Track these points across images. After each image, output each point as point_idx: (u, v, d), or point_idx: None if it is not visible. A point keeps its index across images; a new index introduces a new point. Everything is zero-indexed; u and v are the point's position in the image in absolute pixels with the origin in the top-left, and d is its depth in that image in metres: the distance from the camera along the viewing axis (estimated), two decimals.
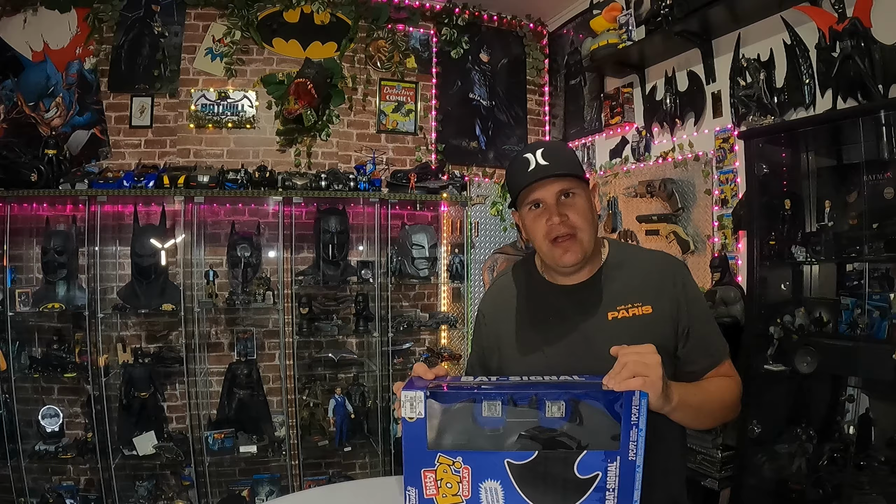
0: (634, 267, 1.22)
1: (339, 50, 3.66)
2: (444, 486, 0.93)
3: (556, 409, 0.92)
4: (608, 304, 1.18)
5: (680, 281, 1.19)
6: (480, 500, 0.93)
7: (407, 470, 0.94)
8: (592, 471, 0.91)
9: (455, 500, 0.93)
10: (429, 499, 0.94)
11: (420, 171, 3.54)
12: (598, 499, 0.92)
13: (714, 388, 1.14)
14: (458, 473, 0.93)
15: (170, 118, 3.44)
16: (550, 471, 0.92)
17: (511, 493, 0.92)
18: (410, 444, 0.93)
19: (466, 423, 0.94)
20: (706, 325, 1.20)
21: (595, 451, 0.91)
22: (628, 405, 0.90)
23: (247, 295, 3.24)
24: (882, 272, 2.05)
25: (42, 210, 3.19)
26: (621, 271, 1.22)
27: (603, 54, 3.27)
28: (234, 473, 3.30)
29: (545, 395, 0.93)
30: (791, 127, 2.34)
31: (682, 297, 1.17)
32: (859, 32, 2.09)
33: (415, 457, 0.93)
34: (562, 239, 1.16)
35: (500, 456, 0.92)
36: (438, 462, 0.93)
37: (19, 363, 2.95)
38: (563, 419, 0.92)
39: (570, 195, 1.17)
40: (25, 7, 3.28)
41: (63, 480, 3.13)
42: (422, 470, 0.93)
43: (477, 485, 0.93)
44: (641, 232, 3.21)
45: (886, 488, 1.85)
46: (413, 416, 0.92)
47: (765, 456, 2.23)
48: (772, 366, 2.20)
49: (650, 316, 1.15)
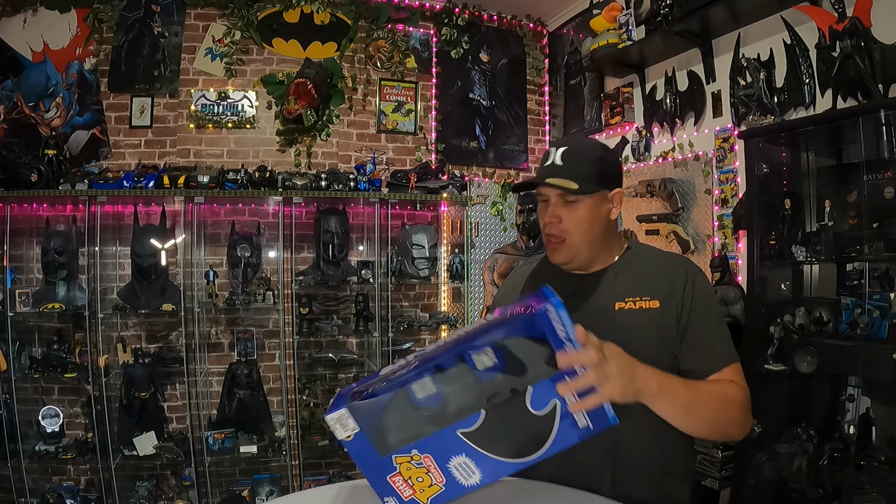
0: (648, 264, 1.22)
1: (339, 50, 3.66)
2: (416, 481, 0.90)
3: (485, 359, 0.86)
4: (617, 296, 1.18)
5: (690, 279, 1.17)
6: (456, 479, 0.89)
7: (374, 484, 0.92)
8: (548, 402, 0.86)
9: (434, 489, 0.90)
10: (410, 500, 0.91)
11: (420, 171, 3.54)
12: (569, 425, 0.86)
13: (713, 390, 1.09)
14: (422, 465, 0.89)
15: (170, 118, 3.44)
16: (508, 421, 0.87)
17: (482, 460, 0.88)
18: (363, 460, 0.90)
19: (406, 413, 0.89)
20: (710, 325, 1.16)
21: (540, 383, 0.85)
22: (549, 326, 0.84)
23: (247, 295, 3.24)
24: (882, 272, 2.05)
25: (42, 210, 3.19)
26: (634, 268, 1.22)
27: (603, 54, 3.26)
28: (235, 473, 3.31)
29: (468, 350, 0.86)
30: (791, 127, 2.33)
31: (688, 294, 1.15)
32: (859, 32, 2.08)
33: (373, 469, 0.90)
34: (552, 239, 1.19)
35: (451, 431, 0.87)
36: (397, 463, 0.89)
37: (19, 363, 2.95)
38: (498, 366, 0.86)
39: (570, 201, 1.17)
40: (25, 7, 3.28)
41: (63, 480, 3.13)
42: (387, 477, 0.90)
43: (445, 467, 0.88)
44: (641, 232, 3.21)
45: (886, 488, 1.85)
46: (349, 435, 0.88)
47: (765, 456, 2.22)
48: (772, 366, 2.20)
49: (657, 311, 1.15)
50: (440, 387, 0.87)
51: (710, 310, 1.18)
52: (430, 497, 0.91)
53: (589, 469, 1.12)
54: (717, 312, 1.20)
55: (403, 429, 0.89)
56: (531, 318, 0.84)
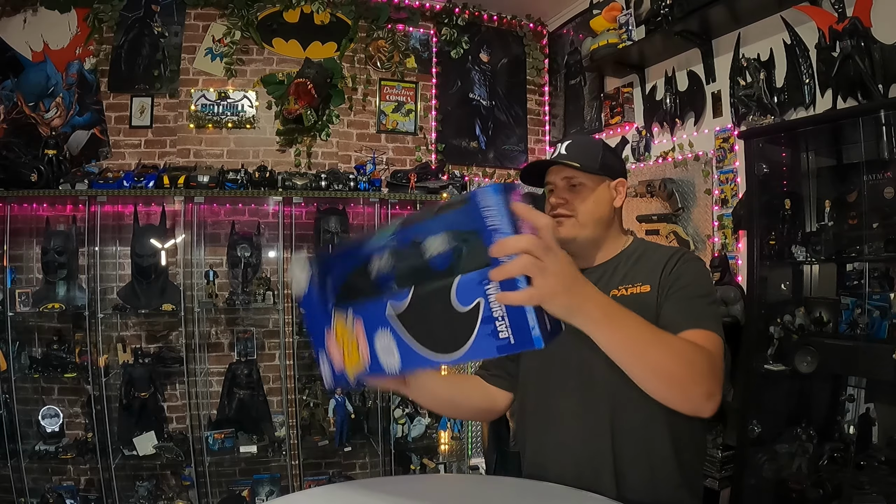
0: (647, 257, 1.23)
1: (339, 50, 3.66)
2: (346, 346, 0.91)
3: (438, 245, 0.77)
4: (613, 285, 1.20)
5: (676, 259, 1.17)
6: (379, 358, 0.87)
7: (312, 335, 0.97)
8: (472, 299, 0.75)
9: (359, 364, 0.90)
10: (340, 374, 0.93)
11: (420, 171, 3.53)
12: (489, 332, 0.74)
13: (674, 339, 0.97)
14: (354, 332, 0.89)
15: (170, 118, 3.44)
16: (431, 309, 0.79)
17: (401, 343, 0.84)
18: (309, 312, 0.94)
19: (359, 280, 0.88)
20: (687, 297, 1.11)
21: (469, 274, 0.75)
22: (477, 211, 0.72)
23: (247, 295, 3.24)
24: (882, 272, 2.05)
25: (42, 210, 3.19)
26: (635, 260, 1.23)
27: (603, 54, 3.26)
28: (234, 473, 3.30)
29: (421, 233, 0.79)
30: (791, 127, 2.34)
31: (672, 271, 1.15)
32: (859, 32, 2.08)
33: (316, 322, 0.94)
34: (558, 217, 1.23)
35: (382, 302, 0.84)
36: (335, 321, 0.92)
37: (19, 363, 2.95)
38: (446, 254, 0.77)
39: (576, 184, 1.23)
40: (25, 7, 3.28)
41: (63, 480, 3.12)
42: (324, 329, 0.94)
43: (372, 340, 0.87)
44: (641, 232, 3.20)
45: (886, 488, 1.85)
46: (302, 279, 0.92)
47: (765, 456, 2.22)
48: (772, 366, 2.20)
49: (647, 294, 1.15)
50: (394, 262, 0.83)
51: (692, 284, 1.13)
52: (355, 372, 0.92)
53: (592, 471, 1.12)
54: (701, 289, 1.13)
55: (350, 291, 0.91)
56: (476, 207, 0.73)
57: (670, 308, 1.11)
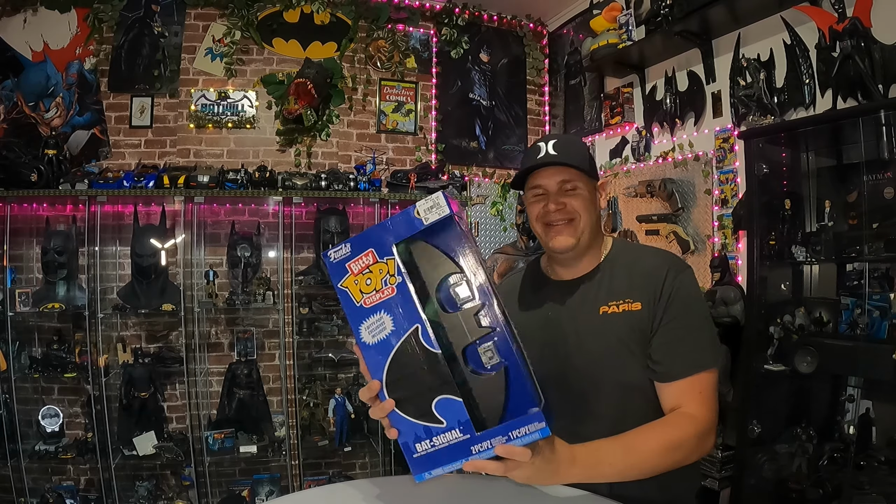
0: (634, 264, 1.20)
1: (339, 50, 3.66)
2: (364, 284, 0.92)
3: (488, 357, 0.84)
4: (602, 299, 1.17)
5: (671, 276, 1.13)
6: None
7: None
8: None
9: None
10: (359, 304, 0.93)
11: (420, 171, 3.54)
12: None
13: (655, 445, 1.00)
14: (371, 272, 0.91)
15: (170, 118, 3.44)
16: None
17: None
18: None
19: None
20: (685, 327, 1.10)
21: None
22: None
23: (247, 295, 3.24)
24: (882, 272, 2.05)
25: (42, 210, 3.19)
26: (620, 268, 1.20)
27: (603, 54, 3.27)
28: (234, 473, 3.30)
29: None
30: (791, 127, 2.34)
31: (667, 292, 1.12)
32: (859, 32, 2.09)
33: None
34: (557, 222, 1.18)
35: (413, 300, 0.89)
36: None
37: (19, 363, 2.95)
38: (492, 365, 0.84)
39: (572, 187, 1.18)
40: (25, 7, 3.28)
41: (63, 480, 3.12)
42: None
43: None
44: (641, 232, 3.21)
45: (886, 488, 1.85)
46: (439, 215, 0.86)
47: (765, 456, 2.22)
48: (772, 366, 2.20)
49: (638, 313, 1.13)
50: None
51: (688, 309, 1.12)
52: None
53: None
54: (697, 313, 1.13)
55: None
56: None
57: (664, 346, 1.10)
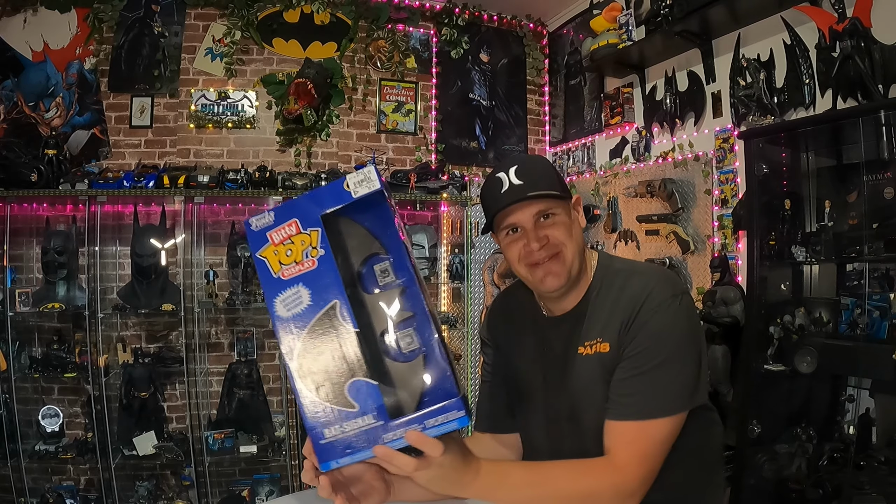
0: (620, 292, 1.07)
1: (339, 50, 3.66)
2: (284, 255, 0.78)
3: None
4: (581, 338, 1.08)
5: (648, 306, 1.00)
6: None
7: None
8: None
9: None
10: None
11: (420, 171, 3.54)
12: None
13: (560, 486, 0.93)
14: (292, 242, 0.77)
15: (170, 118, 3.44)
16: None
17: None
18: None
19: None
20: (642, 368, 0.99)
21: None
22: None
23: (247, 295, 3.24)
24: (882, 272, 2.05)
25: (42, 210, 3.19)
26: (603, 299, 1.09)
27: (603, 54, 3.27)
28: (234, 473, 3.30)
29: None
30: (791, 127, 2.34)
31: (638, 324, 1.00)
32: (859, 32, 2.08)
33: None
34: (541, 261, 1.05)
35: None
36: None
37: (19, 363, 2.95)
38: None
39: (550, 216, 1.06)
40: (25, 7, 3.28)
41: (63, 480, 3.12)
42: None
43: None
44: (641, 232, 3.21)
45: (886, 488, 1.85)
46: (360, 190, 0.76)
47: (765, 456, 2.22)
48: (772, 366, 2.20)
49: (607, 354, 1.04)
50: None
51: (656, 345, 0.99)
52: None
53: None
54: (666, 351, 0.99)
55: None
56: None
57: (616, 383, 1.01)
